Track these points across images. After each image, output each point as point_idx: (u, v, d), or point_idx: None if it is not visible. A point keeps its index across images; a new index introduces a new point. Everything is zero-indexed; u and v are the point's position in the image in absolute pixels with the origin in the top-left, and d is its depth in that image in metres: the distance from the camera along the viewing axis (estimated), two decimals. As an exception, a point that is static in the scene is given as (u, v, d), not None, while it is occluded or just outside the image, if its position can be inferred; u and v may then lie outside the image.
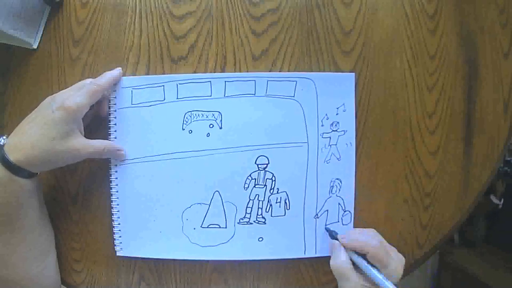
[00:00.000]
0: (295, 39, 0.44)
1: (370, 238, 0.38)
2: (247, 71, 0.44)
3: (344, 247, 0.39)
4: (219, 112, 0.43)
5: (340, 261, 0.38)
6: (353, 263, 0.38)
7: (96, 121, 0.43)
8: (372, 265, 0.37)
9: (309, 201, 0.43)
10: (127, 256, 0.44)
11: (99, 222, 0.45)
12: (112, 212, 0.43)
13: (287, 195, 0.43)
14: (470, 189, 0.45)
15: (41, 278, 0.41)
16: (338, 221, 0.44)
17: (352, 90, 0.43)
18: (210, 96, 0.43)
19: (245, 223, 0.43)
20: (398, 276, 0.36)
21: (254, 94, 0.43)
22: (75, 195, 0.45)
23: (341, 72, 0.44)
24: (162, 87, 0.43)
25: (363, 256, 0.37)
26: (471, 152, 0.44)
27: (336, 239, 0.40)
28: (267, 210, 0.43)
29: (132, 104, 0.43)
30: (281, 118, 0.43)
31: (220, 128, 0.43)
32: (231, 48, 0.44)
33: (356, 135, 0.44)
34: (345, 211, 0.44)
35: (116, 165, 0.43)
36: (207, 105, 0.42)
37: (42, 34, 0.45)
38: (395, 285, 0.35)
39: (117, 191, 0.43)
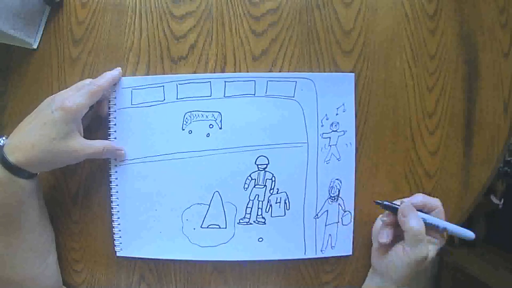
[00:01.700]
0: (295, 39, 0.44)
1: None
2: (247, 71, 0.44)
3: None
4: (219, 112, 0.43)
5: (420, 221, 0.38)
6: None
7: (96, 122, 0.43)
8: None
9: (309, 202, 0.43)
10: (127, 257, 0.44)
11: (99, 222, 0.45)
12: (112, 212, 0.43)
13: (287, 195, 0.43)
14: (470, 189, 0.45)
15: (42, 279, 0.41)
16: (338, 221, 0.44)
17: (352, 90, 0.43)
18: (210, 96, 0.43)
19: (245, 223, 0.43)
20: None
21: (254, 94, 0.43)
22: (75, 195, 0.45)
23: (341, 72, 0.44)
24: (162, 87, 0.43)
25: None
26: (471, 152, 0.44)
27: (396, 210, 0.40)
28: (267, 211, 0.43)
29: (132, 104, 0.43)
30: (281, 118, 0.43)
31: (220, 128, 0.43)
32: (231, 48, 0.44)
33: (356, 135, 0.44)
34: (345, 211, 0.44)
35: (116, 165, 0.43)
36: (207, 105, 0.42)
37: (42, 34, 0.45)
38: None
39: (117, 191, 0.43)
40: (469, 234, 0.40)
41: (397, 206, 0.39)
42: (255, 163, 0.43)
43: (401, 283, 0.39)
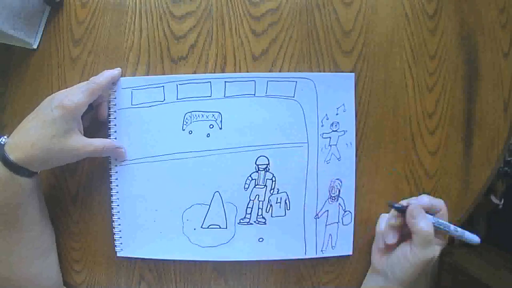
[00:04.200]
0: (295, 39, 0.44)
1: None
2: (247, 71, 0.44)
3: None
4: (219, 113, 0.42)
5: (430, 223, 0.37)
6: None
7: (96, 123, 0.43)
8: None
9: (309, 202, 0.43)
10: (127, 257, 0.44)
11: (99, 222, 0.45)
12: (112, 213, 0.43)
13: (287, 195, 0.43)
14: (470, 189, 0.45)
15: (42, 279, 0.41)
16: (339, 221, 0.44)
17: (352, 90, 0.43)
18: (210, 96, 0.43)
19: (246, 223, 0.43)
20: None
21: (254, 94, 0.43)
22: (75, 195, 0.45)
23: (341, 72, 0.44)
24: (162, 87, 0.43)
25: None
26: (471, 152, 0.44)
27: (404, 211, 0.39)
28: (267, 211, 0.43)
29: (132, 104, 0.43)
30: (281, 119, 0.43)
31: (220, 128, 0.43)
32: (231, 48, 0.44)
33: (356, 135, 0.44)
34: (345, 211, 0.44)
35: (116, 166, 0.43)
36: (207, 106, 0.42)
37: (42, 34, 0.45)
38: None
39: (117, 192, 0.43)
40: (475, 239, 0.39)
41: (405, 208, 0.39)
42: (255, 163, 0.43)
43: (406, 284, 0.39)
